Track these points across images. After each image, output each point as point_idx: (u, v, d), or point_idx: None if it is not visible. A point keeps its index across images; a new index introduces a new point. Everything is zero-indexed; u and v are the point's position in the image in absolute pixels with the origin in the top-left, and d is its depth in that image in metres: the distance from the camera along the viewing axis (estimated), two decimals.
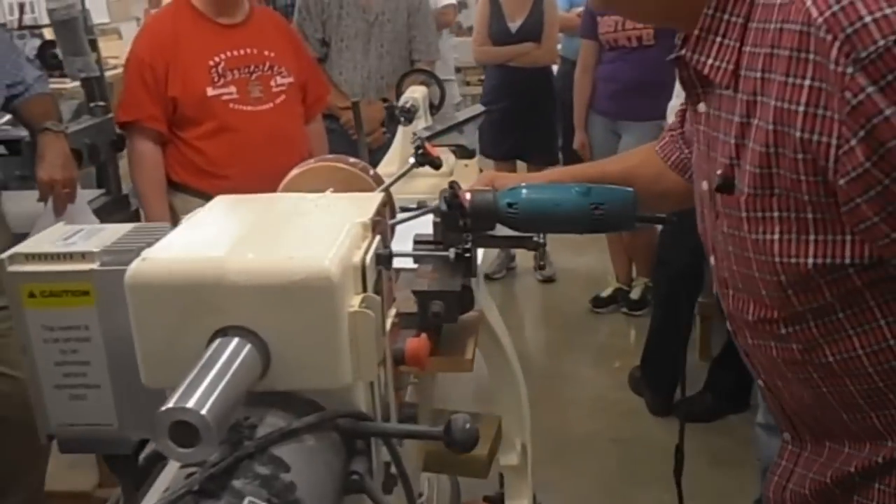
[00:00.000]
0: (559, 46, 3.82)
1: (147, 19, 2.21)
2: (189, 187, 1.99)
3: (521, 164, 3.81)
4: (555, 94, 3.74)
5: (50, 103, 1.82)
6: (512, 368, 1.83)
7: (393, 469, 0.62)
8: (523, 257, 4.00)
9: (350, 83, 2.65)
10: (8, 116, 1.98)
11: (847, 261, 0.69)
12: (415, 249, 0.88)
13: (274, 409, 0.55)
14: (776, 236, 0.71)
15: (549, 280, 3.82)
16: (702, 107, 0.80)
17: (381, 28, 2.63)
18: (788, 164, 0.67)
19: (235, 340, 0.52)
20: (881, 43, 0.60)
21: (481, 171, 1.62)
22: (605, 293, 3.47)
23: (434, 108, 1.76)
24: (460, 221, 0.82)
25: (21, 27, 4.59)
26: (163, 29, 1.96)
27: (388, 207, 0.68)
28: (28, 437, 0.69)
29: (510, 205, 0.84)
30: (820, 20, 0.62)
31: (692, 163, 0.91)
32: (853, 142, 0.62)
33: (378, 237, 0.61)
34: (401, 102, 1.57)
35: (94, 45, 2.69)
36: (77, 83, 2.84)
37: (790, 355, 0.78)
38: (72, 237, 0.61)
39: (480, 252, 0.95)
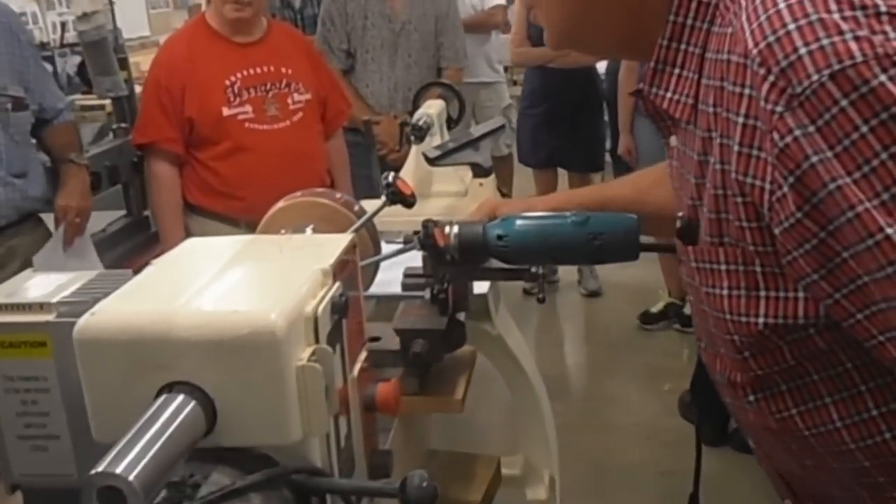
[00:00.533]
0: None
1: (164, 42, 2.29)
2: (205, 209, 2.05)
3: (562, 172, 3.79)
4: (600, 96, 3.70)
5: (73, 133, 1.96)
6: (536, 396, 1.81)
7: None
8: (566, 270, 3.97)
9: (376, 95, 2.69)
10: (32, 140, 2.08)
11: (801, 321, 0.63)
12: (404, 282, 0.89)
13: (221, 466, 0.57)
14: (724, 291, 0.67)
15: (594, 294, 3.77)
16: (673, 140, 0.76)
17: (408, 37, 2.66)
18: (733, 208, 0.63)
19: (180, 397, 0.54)
20: (815, 78, 0.55)
21: (501, 191, 1.63)
22: (656, 308, 3.39)
23: (453, 122, 1.78)
24: (447, 256, 0.83)
25: (63, 45, 4.84)
26: (179, 50, 2.04)
27: (356, 249, 0.69)
28: None
29: (500, 237, 0.83)
30: (755, 51, 0.58)
31: None
32: (785, 188, 0.57)
33: (338, 284, 0.62)
34: (414, 119, 1.58)
35: (123, 63, 2.82)
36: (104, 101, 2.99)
37: (766, 423, 0.72)
38: (35, 286, 0.64)
39: None
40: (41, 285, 0.65)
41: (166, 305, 0.55)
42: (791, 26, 0.56)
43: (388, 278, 0.96)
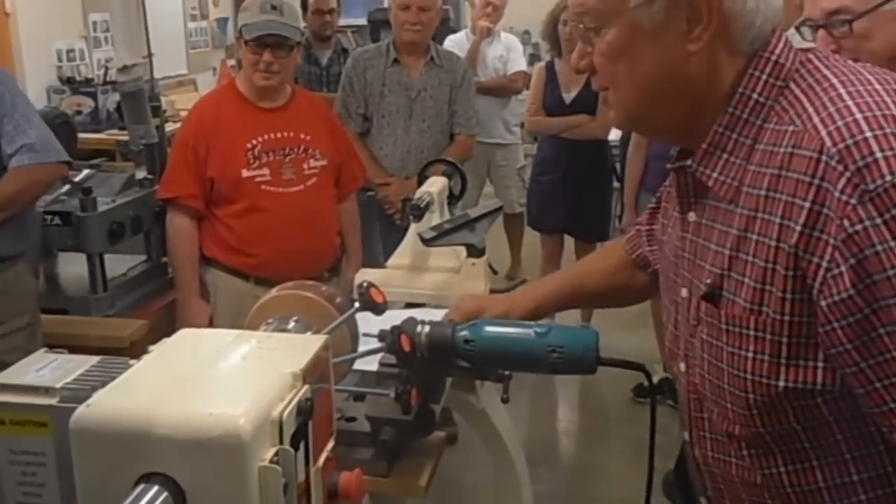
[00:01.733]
0: None
1: (196, 102, 2.41)
2: (220, 263, 2.15)
3: (568, 239, 3.85)
4: (610, 167, 3.78)
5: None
6: (515, 471, 1.85)
7: None
8: None
9: (390, 158, 2.79)
10: (66, 187, 2.20)
11: (818, 387, 0.73)
12: (379, 370, 0.96)
13: None
14: (750, 354, 0.76)
15: None
16: (692, 216, 0.85)
17: (423, 104, 2.78)
18: (779, 281, 0.73)
19: (154, 488, 0.61)
20: (887, 179, 0.66)
21: (493, 269, 1.69)
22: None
23: (455, 198, 1.86)
24: (417, 353, 0.89)
25: (105, 82, 5.07)
26: (207, 112, 2.16)
27: (328, 349, 0.76)
28: None
29: (467, 341, 0.90)
30: (833, 150, 0.69)
31: (662, 267, 0.97)
32: (843, 267, 0.68)
33: (306, 387, 0.69)
34: (416, 196, 1.67)
35: (156, 111, 2.96)
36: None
37: (749, 477, 0.81)
38: (44, 367, 0.72)
39: None
40: (50, 367, 0.73)
41: (150, 403, 0.63)
42: (868, 134, 0.68)
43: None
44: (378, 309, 0.81)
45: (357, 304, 0.81)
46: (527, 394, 3.59)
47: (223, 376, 0.68)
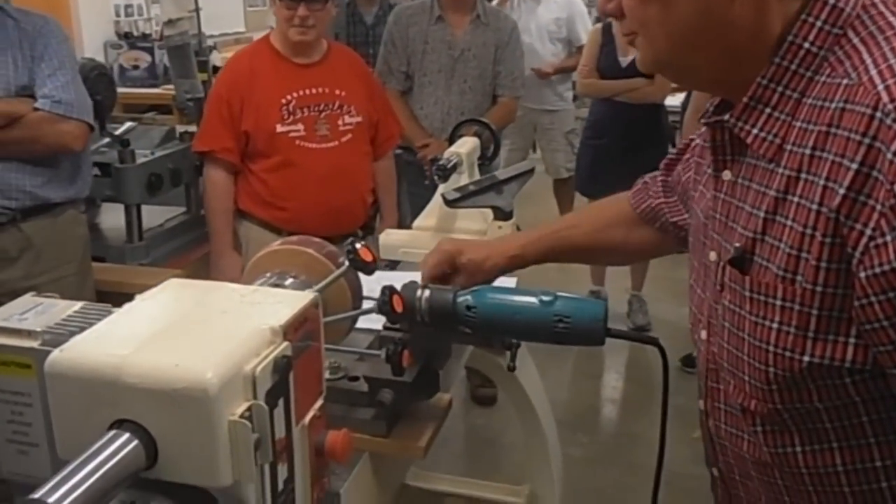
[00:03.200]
0: None
1: (230, 57, 2.41)
2: (253, 216, 2.16)
3: None
4: (665, 133, 3.65)
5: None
6: (543, 434, 1.84)
7: None
8: (617, 301, 3.93)
9: (430, 118, 2.74)
10: (106, 140, 2.24)
11: (846, 365, 0.67)
12: (381, 334, 0.93)
13: (161, 497, 0.63)
14: (775, 325, 0.71)
15: (641, 330, 3.72)
16: (727, 174, 0.79)
17: (466, 64, 2.71)
18: (816, 248, 0.67)
19: (125, 435, 0.60)
20: None
21: (518, 227, 1.65)
22: None
23: (486, 160, 1.81)
24: (418, 318, 0.87)
25: (162, 37, 5.14)
26: (241, 67, 2.15)
27: (319, 307, 0.74)
28: None
29: (469, 308, 0.87)
30: (890, 106, 0.62)
31: (692, 226, 0.91)
32: (888, 237, 0.62)
33: (286, 344, 0.67)
34: (444, 157, 1.63)
35: (203, 66, 2.98)
36: None
37: (760, 454, 0.77)
38: (29, 311, 0.73)
39: None
40: (35, 311, 0.73)
41: (122, 351, 0.62)
42: None
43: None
44: (367, 269, 0.78)
45: (347, 264, 0.79)
46: (572, 360, 3.57)
47: (199, 328, 0.67)
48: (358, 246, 0.77)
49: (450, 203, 1.42)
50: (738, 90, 0.74)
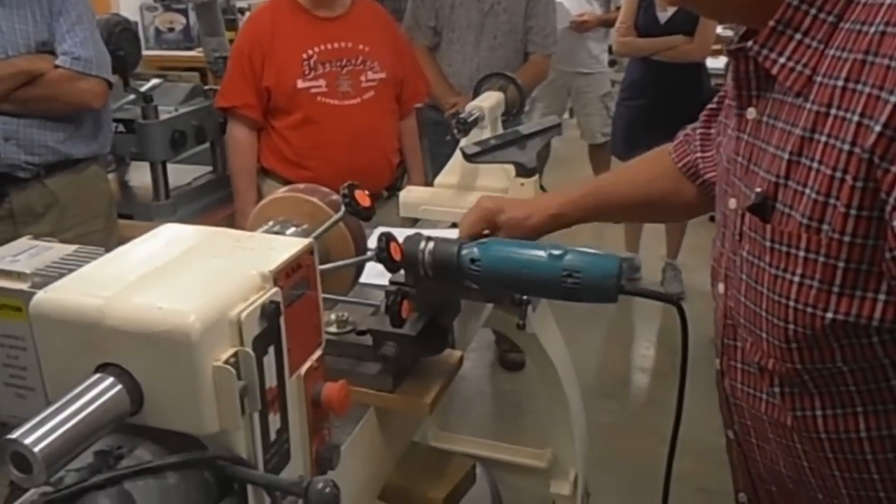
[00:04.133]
0: None
1: (252, 12, 2.38)
2: (276, 174, 2.15)
3: None
4: (707, 97, 3.54)
5: None
6: (566, 397, 1.81)
7: None
8: (651, 269, 3.87)
9: (458, 75, 2.69)
10: (130, 97, 2.24)
11: (874, 323, 0.62)
12: (387, 289, 0.91)
13: (148, 443, 0.62)
14: (796, 278, 0.66)
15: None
16: (751, 112, 0.73)
17: (496, 18, 2.64)
18: (846, 193, 0.61)
19: (109, 379, 0.59)
20: None
21: (542, 187, 1.61)
22: None
23: (511, 116, 1.76)
24: (421, 270, 0.84)
25: None
26: (262, 22, 2.12)
27: (314, 253, 0.72)
28: None
29: (473, 261, 0.84)
30: None
31: (717, 175, 0.86)
32: None
33: (275, 290, 0.65)
34: (466, 110, 1.58)
35: (231, 24, 2.97)
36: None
37: (779, 416, 0.73)
38: (22, 254, 0.72)
39: None
40: (28, 254, 0.73)
41: (106, 293, 0.61)
42: None
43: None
44: (363, 214, 0.75)
45: (343, 209, 0.76)
46: (603, 327, 3.53)
47: (187, 272, 0.65)
48: (351, 190, 0.74)
49: (469, 157, 1.39)
50: (765, 20, 0.67)
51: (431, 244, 0.85)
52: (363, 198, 0.75)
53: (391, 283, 0.91)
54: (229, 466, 0.63)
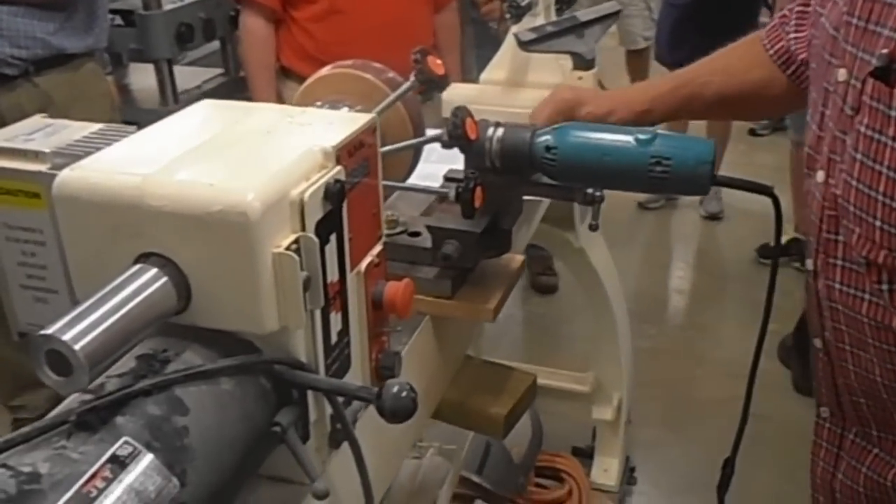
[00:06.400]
0: None
1: None
2: (298, 74, 2.03)
3: None
4: None
5: None
6: (613, 318, 1.76)
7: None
8: None
9: None
10: None
11: None
12: (442, 186, 0.84)
13: (196, 346, 0.56)
14: None
15: (713, 217, 3.56)
16: None
17: None
18: None
19: (152, 271, 0.53)
20: None
21: (600, 84, 1.51)
22: None
23: (564, 3, 1.64)
24: (487, 162, 0.76)
25: None
26: None
27: (377, 132, 0.64)
28: None
29: (549, 149, 0.76)
30: None
31: (815, 49, 0.79)
32: None
33: (339, 168, 0.58)
34: None
35: None
36: None
37: (882, 317, 0.70)
38: (37, 132, 0.64)
39: None
40: (44, 132, 0.65)
41: (145, 170, 0.53)
42: None
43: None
44: (438, 84, 0.67)
45: (412, 78, 0.68)
46: (639, 248, 3.47)
47: (238, 148, 0.58)
48: (423, 55, 0.66)
49: (523, 44, 1.28)
50: None
51: (501, 130, 0.77)
52: (436, 65, 0.67)
53: (448, 178, 0.84)
54: (289, 371, 0.58)
